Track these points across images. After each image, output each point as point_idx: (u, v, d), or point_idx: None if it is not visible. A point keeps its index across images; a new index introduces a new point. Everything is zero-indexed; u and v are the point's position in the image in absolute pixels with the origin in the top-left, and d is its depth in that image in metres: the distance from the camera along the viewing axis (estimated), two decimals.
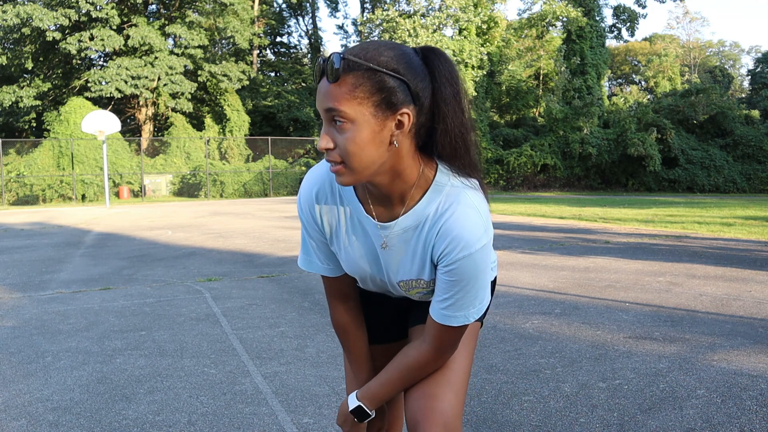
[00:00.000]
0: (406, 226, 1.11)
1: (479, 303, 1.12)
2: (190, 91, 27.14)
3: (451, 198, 1.07)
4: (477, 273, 1.07)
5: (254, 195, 25.91)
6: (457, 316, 1.11)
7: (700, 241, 7.38)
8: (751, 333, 3.30)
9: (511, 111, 36.92)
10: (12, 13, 23.18)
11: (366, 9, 36.39)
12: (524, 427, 2.17)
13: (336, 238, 1.19)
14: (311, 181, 1.19)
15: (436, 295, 1.13)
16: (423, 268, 1.13)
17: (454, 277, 1.07)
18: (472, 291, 1.09)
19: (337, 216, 1.17)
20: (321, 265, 1.25)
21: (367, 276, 1.22)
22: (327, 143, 0.99)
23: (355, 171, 1.00)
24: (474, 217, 1.05)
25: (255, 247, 7.49)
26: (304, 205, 1.19)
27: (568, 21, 29.91)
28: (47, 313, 4.15)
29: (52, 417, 2.34)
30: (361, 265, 1.19)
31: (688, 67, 50.52)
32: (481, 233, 1.05)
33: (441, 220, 1.06)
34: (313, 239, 1.22)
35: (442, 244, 1.06)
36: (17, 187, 23.16)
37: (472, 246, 1.04)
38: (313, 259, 1.25)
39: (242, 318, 3.89)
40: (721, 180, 27.27)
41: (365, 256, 1.18)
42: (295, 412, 2.36)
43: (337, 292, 1.28)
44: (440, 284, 1.11)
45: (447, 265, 1.07)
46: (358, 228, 1.16)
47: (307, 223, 1.20)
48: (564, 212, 12.77)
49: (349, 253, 1.19)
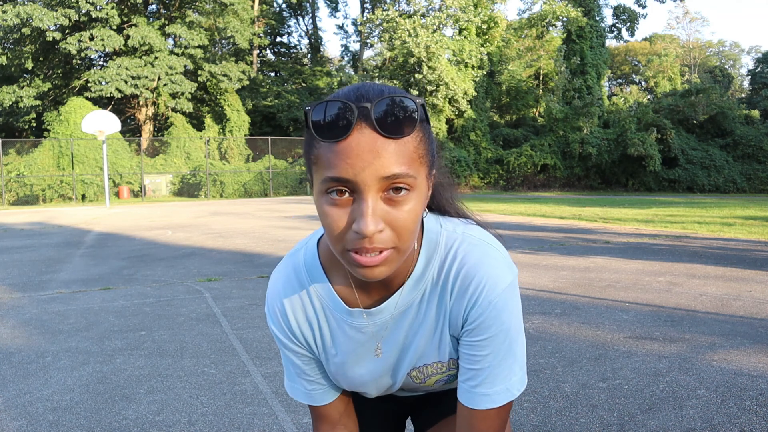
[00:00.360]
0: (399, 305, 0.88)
1: (520, 368, 0.88)
2: (190, 91, 27.16)
3: (452, 244, 0.87)
4: (510, 322, 0.85)
5: (254, 195, 25.92)
6: (496, 392, 0.86)
7: (700, 241, 7.38)
8: (751, 333, 3.30)
9: (511, 111, 36.92)
10: (12, 13, 23.19)
11: (366, 9, 36.39)
12: (524, 427, 2.17)
13: (323, 347, 0.94)
14: (275, 282, 0.94)
15: (463, 374, 0.89)
16: (438, 346, 0.90)
17: (482, 335, 0.85)
18: (509, 351, 0.86)
19: (316, 316, 0.92)
20: (320, 390, 0.98)
21: (369, 384, 0.96)
22: (378, 223, 0.72)
23: (403, 254, 0.76)
24: (488, 251, 0.86)
25: (255, 247, 7.49)
26: (274, 318, 0.93)
27: (568, 21, 29.92)
28: (47, 313, 4.15)
29: (52, 417, 2.34)
30: (358, 372, 0.94)
31: (688, 67, 50.52)
32: (504, 268, 0.85)
33: (450, 276, 0.86)
34: (298, 358, 0.95)
35: (464, 301, 0.85)
36: (17, 187, 23.16)
37: (497, 285, 0.84)
38: (311, 387, 0.98)
39: (242, 318, 3.89)
40: (721, 180, 27.27)
41: (361, 361, 0.93)
42: (295, 412, 2.36)
43: (329, 416, 1.00)
44: (466, 356, 0.87)
45: (473, 321, 0.85)
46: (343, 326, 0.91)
47: (286, 339, 0.94)
48: (564, 212, 12.77)
49: (338, 365, 0.94)
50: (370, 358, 0.92)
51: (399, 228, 0.73)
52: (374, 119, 0.70)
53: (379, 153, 0.70)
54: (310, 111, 0.73)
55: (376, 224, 0.71)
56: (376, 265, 0.74)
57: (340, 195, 0.72)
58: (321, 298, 0.91)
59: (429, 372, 0.93)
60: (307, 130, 0.75)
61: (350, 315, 0.89)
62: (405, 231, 0.74)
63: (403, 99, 0.72)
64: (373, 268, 0.74)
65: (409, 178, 0.72)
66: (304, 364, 0.96)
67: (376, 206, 0.72)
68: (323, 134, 0.72)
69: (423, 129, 0.75)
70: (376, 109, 0.70)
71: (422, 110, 0.74)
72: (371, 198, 0.71)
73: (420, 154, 0.74)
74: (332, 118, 0.71)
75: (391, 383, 0.96)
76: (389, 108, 0.71)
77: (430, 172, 0.78)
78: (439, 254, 0.87)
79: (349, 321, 0.90)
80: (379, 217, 0.72)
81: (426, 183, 0.77)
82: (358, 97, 0.73)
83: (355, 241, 0.72)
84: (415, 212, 0.74)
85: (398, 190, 0.72)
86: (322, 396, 0.98)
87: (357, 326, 0.90)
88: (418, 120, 0.73)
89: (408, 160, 0.72)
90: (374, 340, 0.91)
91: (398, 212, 0.73)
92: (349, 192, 0.72)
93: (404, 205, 0.73)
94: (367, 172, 0.70)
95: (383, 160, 0.70)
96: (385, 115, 0.71)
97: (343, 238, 0.73)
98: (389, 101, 0.71)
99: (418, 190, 0.74)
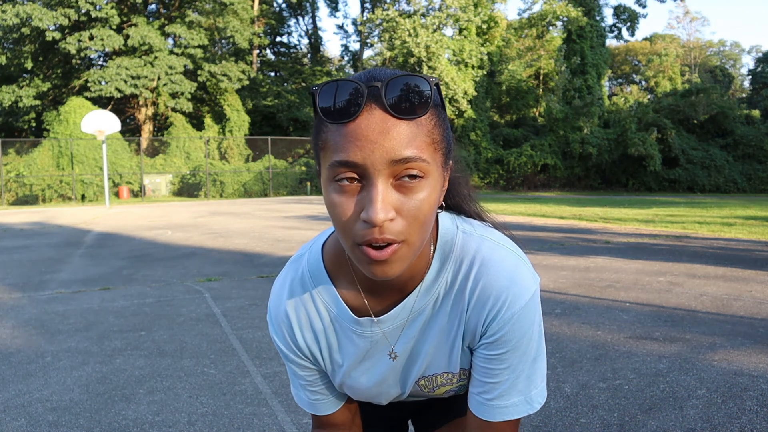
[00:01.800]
0: (412, 312, 0.83)
1: (541, 380, 0.82)
2: (189, 91, 27.18)
3: (469, 248, 0.80)
4: (532, 334, 0.79)
5: (254, 195, 25.92)
6: (514, 404, 0.81)
7: (700, 241, 7.38)
8: (751, 333, 3.29)
9: (512, 111, 36.92)
10: (11, 12, 23.20)
11: (366, 9, 36.39)
12: (524, 428, 2.17)
13: (329, 358, 0.89)
14: (278, 290, 0.89)
15: (477, 386, 0.83)
16: (450, 357, 0.85)
17: (502, 348, 0.79)
18: (530, 364, 0.80)
19: (322, 325, 0.87)
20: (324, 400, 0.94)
21: (376, 394, 0.91)
22: (389, 212, 0.66)
23: (415, 251, 0.70)
24: (509, 258, 0.79)
25: (255, 247, 7.49)
26: (277, 328, 0.88)
27: (568, 21, 29.92)
28: (47, 313, 4.14)
29: (52, 417, 2.34)
30: (365, 382, 0.89)
31: (688, 66, 50.51)
32: (528, 277, 0.79)
33: (468, 284, 0.79)
34: (302, 370, 0.91)
35: (483, 312, 0.79)
36: (17, 187, 23.16)
37: (521, 297, 0.77)
38: (315, 398, 0.94)
39: (242, 318, 3.89)
40: (722, 180, 27.27)
41: (368, 370, 0.88)
42: (295, 412, 2.36)
43: (333, 424, 0.97)
44: (482, 369, 0.82)
45: (493, 334, 0.79)
46: (350, 334, 0.86)
47: (290, 351, 0.89)
48: (564, 212, 12.77)
49: (345, 375, 0.89)
50: (379, 366, 0.87)
51: (411, 218, 0.67)
52: (385, 99, 0.65)
53: (389, 134, 0.65)
54: (317, 92, 0.67)
55: (387, 212, 0.65)
56: (386, 260, 0.68)
57: (350, 182, 0.67)
58: (327, 304, 0.85)
59: (438, 382, 0.88)
60: (315, 114, 0.70)
61: (357, 323, 0.84)
62: (417, 222, 0.68)
63: (416, 78, 0.67)
64: (384, 265, 0.68)
65: (423, 163, 0.66)
66: (309, 375, 0.91)
67: (387, 193, 0.66)
68: (331, 116, 0.66)
69: (437, 112, 0.70)
70: (387, 89, 0.66)
71: (437, 91, 0.69)
72: (381, 183, 0.66)
73: (434, 139, 0.69)
74: (341, 99, 0.66)
75: (399, 393, 0.90)
76: (401, 87, 0.66)
77: (446, 162, 0.73)
78: (454, 258, 0.80)
79: (356, 329, 0.84)
80: (389, 205, 0.66)
81: (441, 173, 0.71)
82: (369, 77, 0.68)
83: (364, 232, 0.66)
84: (429, 203, 0.68)
85: (411, 177, 0.66)
86: (326, 406, 0.94)
87: (364, 335, 0.84)
88: (432, 101, 0.67)
89: (421, 144, 0.66)
90: (385, 346, 0.85)
91: (411, 201, 0.67)
92: (359, 178, 0.67)
93: (417, 193, 0.67)
94: (377, 155, 0.65)
95: (394, 142, 0.65)
96: (397, 95, 0.66)
97: (351, 229, 0.68)
98: (401, 80, 0.66)
99: (433, 179, 0.69)
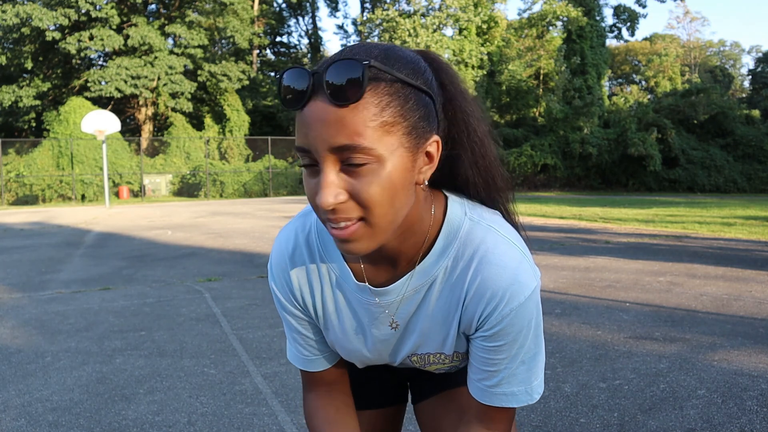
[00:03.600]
0: (407, 290, 0.84)
1: (539, 371, 0.84)
2: (189, 91, 27.17)
3: (474, 237, 0.80)
4: (530, 329, 0.80)
5: (254, 195, 25.91)
6: (513, 392, 0.83)
7: (700, 241, 7.38)
8: (751, 333, 3.29)
9: (512, 111, 36.90)
10: (11, 12, 23.19)
11: (366, 9, 36.38)
12: (524, 428, 2.17)
13: (323, 315, 0.91)
14: (282, 240, 0.90)
15: (476, 372, 0.85)
16: (444, 340, 0.86)
17: (500, 341, 0.79)
18: (529, 356, 0.82)
19: (320, 284, 0.89)
20: (319, 356, 0.96)
21: (368, 360, 0.94)
22: (338, 195, 0.67)
23: (381, 230, 0.71)
24: (513, 253, 0.79)
25: (255, 247, 7.49)
26: (277, 276, 0.91)
27: (568, 21, 29.93)
28: (47, 313, 4.14)
29: (52, 417, 2.34)
30: (357, 347, 0.92)
31: (688, 66, 50.52)
32: (528, 273, 0.79)
33: (468, 274, 0.79)
34: (295, 320, 0.93)
35: (480, 305, 0.79)
36: (17, 187, 23.16)
37: (521, 293, 0.77)
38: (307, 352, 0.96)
39: (242, 318, 3.89)
40: (722, 180, 27.26)
41: (361, 335, 0.90)
42: (295, 412, 2.36)
43: (323, 380, 0.99)
44: (481, 358, 0.83)
45: (491, 328, 0.79)
46: (348, 296, 0.89)
47: (286, 300, 0.91)
48: (564, 212, 12.77)
49: (338, 335, 0.91)
50: (375, 334, 0.89)
51: (364, 201, 0.67)
52: (324, 86, 0.65)
53: (326, 122, 0.65)
54: (280, 79, 0.69)
55: (335, 196, 0.66)
56: (348, 238, 0.70)
57: (309, 167, 0.69)
58: (329, 264, 0.87)
59: (430, 360, 0.90)
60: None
61: (357, 288, 0.86)
62: (372, 204, 0.67)
63: (347, 62, 0.64)
64: (347, 244, 0.71)
65: (363, 150, 0.65)
66: (302, 327, 0.94)
67: (332, 178, 0.67)
68: (286, 103, 0.68)
69: (391, 91, 0.66)
70: (327, 75, 0.65)
71: (375, 74, 0.66)
72: (327, 169, 0.67)
73: (386, 121, 0.66)
74: (290, 86, 0.67)
75: (389, 361, 0.94)
76: (337, 73, 0.64)
77: (417, 141, 0.70)
78: (458, 243, 0.80)
79: (356, 294, 0.86)
80: (338, 188, 0.67)
81: (407, 155, 0.69)
82: (321, 63, 0.67)
83: (322, 213, 0.70)
84: (383, 186, 0.67)
85: (353, 165, 0.66)
86: (318, 364, 0.96)
87: (362, 301, 0.86)
88: (365, 84, 0.64)
89: (359, 131, 0.64)
90: (385, 316, 0.87)
91: (360, 184, 0.67)
92: (316, 163, 0.69)
93: (366, 177, 0.67)
94: (318, 143, 0.66)
95: (331, 131, 0.65)
96: (333, 81, 0.64)
97: (317, 209, 0.71)
98: (337, 66, 0.65)
99: (387, 162, 0.67)
